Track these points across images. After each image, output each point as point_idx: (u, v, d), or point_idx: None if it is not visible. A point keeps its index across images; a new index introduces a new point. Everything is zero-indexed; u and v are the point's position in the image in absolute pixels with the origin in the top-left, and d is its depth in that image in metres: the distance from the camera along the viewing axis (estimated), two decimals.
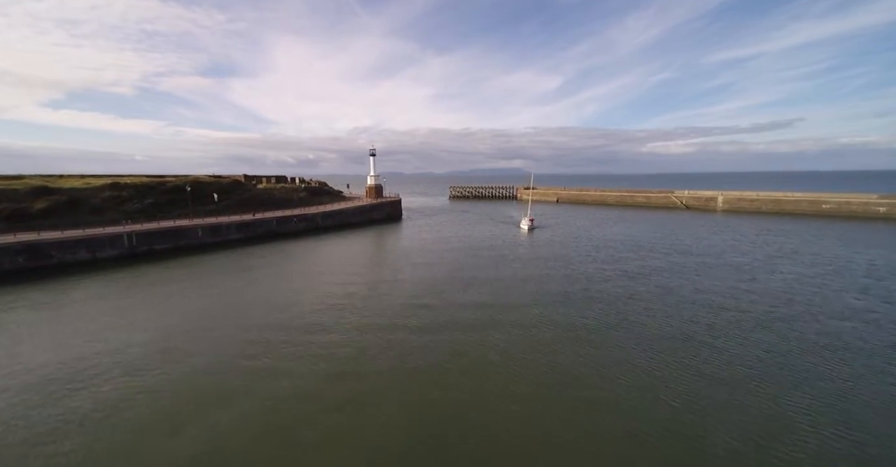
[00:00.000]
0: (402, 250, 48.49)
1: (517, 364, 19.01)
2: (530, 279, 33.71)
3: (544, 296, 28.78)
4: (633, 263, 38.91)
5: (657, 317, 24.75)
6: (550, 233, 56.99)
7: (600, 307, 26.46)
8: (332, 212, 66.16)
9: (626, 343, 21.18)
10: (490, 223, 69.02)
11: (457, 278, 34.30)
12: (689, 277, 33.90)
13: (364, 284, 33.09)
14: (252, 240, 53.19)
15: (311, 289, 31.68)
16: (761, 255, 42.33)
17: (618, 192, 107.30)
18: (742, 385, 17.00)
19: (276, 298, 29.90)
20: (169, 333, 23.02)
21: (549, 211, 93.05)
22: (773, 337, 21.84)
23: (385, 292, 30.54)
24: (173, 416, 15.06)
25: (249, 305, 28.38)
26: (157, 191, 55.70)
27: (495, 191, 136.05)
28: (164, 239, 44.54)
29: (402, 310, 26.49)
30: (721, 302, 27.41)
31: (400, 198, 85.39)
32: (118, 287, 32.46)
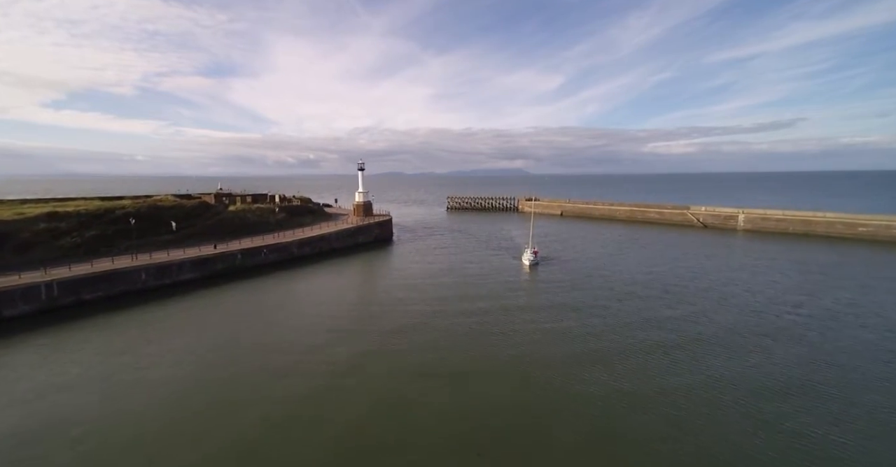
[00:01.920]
0: (384, 292, 41.04)
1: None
2: (532, 360, 26.08)
3: (550, 408, 21.03)
4: (668, 327, 31.09)
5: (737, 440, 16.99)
6: (557, 269, 49.21)
7: (643, 420, 18.82)
8: (310, 240, 58.64)
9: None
10: (488, 251, 61.23)
11: (439, 352, 26.75)
12: (748, 356, 26.21)
13: (322, 361, 25.58)
14: (211, 279, 45.71)
15: (251, 365, 24.16)
16: (826, 306, 34.50)
17: (628, 207, 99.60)
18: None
19: (208, 380, 22.68)
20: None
21: (553, 229, 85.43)
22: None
23: (342, 385, 22.60)
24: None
25: (158, 386, 21.05)
26: (104, 220, 48.32)
27: (496, 203, 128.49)
28: (95, 285, 37.14)
29: (366, 414, 19.09)
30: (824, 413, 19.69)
31: (390, 216, 77.89)
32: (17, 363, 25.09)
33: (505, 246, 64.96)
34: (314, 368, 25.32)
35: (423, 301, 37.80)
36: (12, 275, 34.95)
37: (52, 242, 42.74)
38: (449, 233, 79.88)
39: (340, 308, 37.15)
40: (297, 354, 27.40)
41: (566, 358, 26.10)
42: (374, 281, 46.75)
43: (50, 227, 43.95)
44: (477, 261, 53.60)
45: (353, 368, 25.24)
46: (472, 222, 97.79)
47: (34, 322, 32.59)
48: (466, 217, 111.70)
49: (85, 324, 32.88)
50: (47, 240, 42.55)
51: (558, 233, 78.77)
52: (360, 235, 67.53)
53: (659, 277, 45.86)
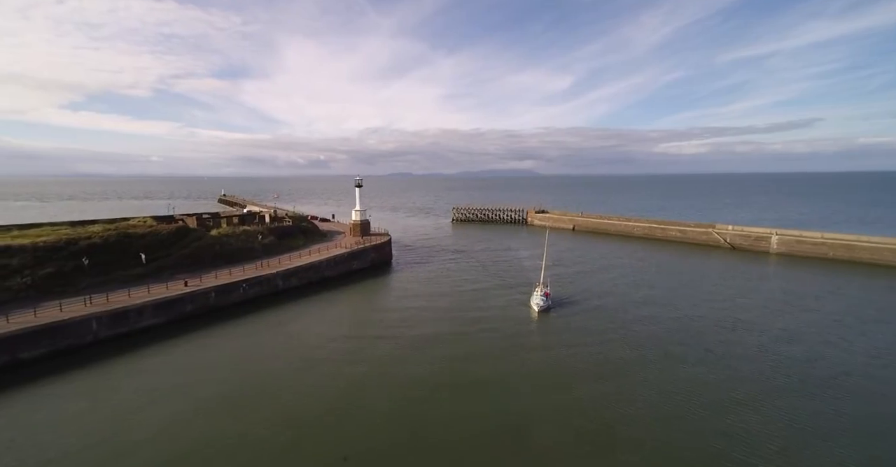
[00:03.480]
0: (369, 347, 34.97)
1: None
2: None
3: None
4: (735, 432, 24.50)
5: None
6: (572, 314, 42.40)
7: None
8: (297, 270, 53.01)
9: None
10: (493, 283, 54.73)
11: (427, 429, 20.76)
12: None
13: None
14: (179, 323, 40.33)
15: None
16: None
17: (646, 223, 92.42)
18: None
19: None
20: None
21: (564, 247, 78.82)
22: None
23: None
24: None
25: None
26: (63, 253, 43.26)
27: (503, 215, 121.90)
28: (34, 342, 31.86)
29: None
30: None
31: (389, 237, 72.05)
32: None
33: (512, 275, 58.43)
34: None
35: (410, 368, 31.52)
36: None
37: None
38: (452, 254, 73.66)
39: (316, 366, 31.62)
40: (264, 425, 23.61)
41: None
42: (361, 326, 40.65)
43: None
44: (479, 300, 47.10)
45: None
46: (477, 239, 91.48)
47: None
48: (472, 231, 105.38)
49: (12, 394, 27.79)
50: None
51: (571, 255, 72.15)
52: (354, 261, 61.78)
53: (695, 325, 39.27)
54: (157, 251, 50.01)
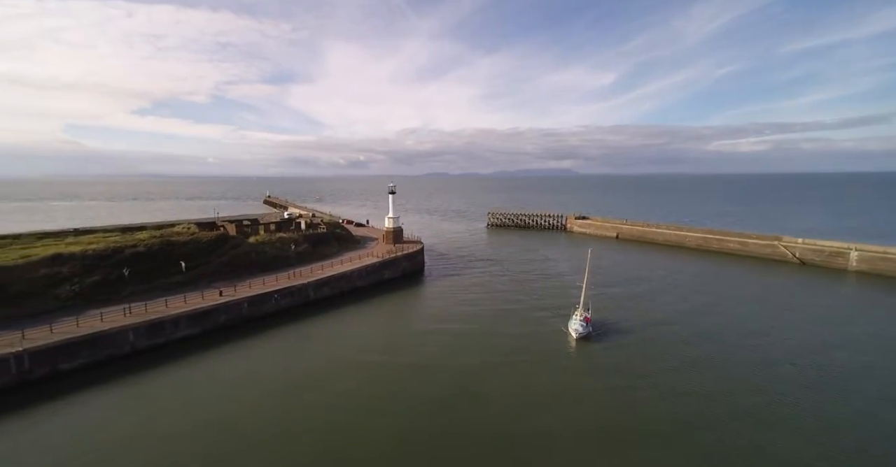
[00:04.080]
0: (393, 366, 32.73)
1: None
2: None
3: None
4: None
5: None
6: (616, 344, 37.67)
7: None
8: (328, 279, 52.58)
9: None
10: (528, 300, 51.11)
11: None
12: None
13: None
14: (212, 334, 40.71)
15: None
16: None
17: (700, 233, 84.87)
18: None
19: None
20: None
21: (607, 260, 73.65)
22: None
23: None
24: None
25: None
26: (110, 261, 45.06)
27: (541, 221, 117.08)
28: (73, 353, 32.83)
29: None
30: None
31: (421, 245, 70.47)
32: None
33: (549, 291, 54.67)
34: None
35: (433, 390, 29.50)
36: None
37: (49, 291, 39.59)
38: (485, 264, 70.78)
39: (339, 384, 30.59)
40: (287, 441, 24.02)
41: None
42: (384, 349, 38.39)
43: (50, 273, 40.97)
44: (512, 322, 43.64)
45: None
46: (513, 247, 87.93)
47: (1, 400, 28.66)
48: (508, 238, 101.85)
49: (53, 404, 28.72)
50: (43, 290, 39.44)
51: (614, 268, 67.12)
52: (385, 271, 60.72)
53: (769, 360, 34.21)
54: (196, 258, 51.21)
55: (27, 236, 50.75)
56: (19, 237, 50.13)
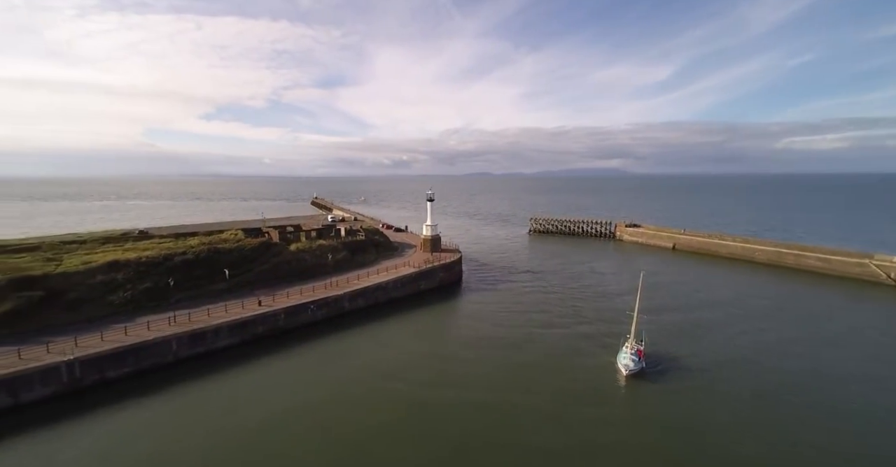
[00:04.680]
0: (414, 403, 30.31)
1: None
2: None
3: None
4: None
5: None
6: (675, 388, 32.57)
7: None
8: (364, 290, 51.93)
9: None
10: (572, 322, 46.98)
11: None
12: None
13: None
14: (250, 344, 41.15)
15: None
16: None
17: (773, 247, 75.65)
18: None
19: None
20: None
21: (662, 273, 67.44)
22: None
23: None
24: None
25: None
26: (161, 269, 47.04)
27: (588, 227, 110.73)
28: (120, 362, 34.02)
29: None
30: None
31: (459, 255, 68.33)
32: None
33: (596, 312, 50.17)
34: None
35: (454, 433, 27.04)
36: (46, 341, 33.19)
37: (105, 297, 41.75)
38: (527, 277, 67.16)
39: (357, 410, 29.38)
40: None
41: None
42: (411, 374, 36.40)
43: (106, 280, 43.28)
44: (552, 349, 39.61)
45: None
46: (557, 257, 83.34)
47: (51, 407, 30.09)
48: (551, 246, 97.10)
49: (102, 412, 29.94)
50: (99, 296, 41.65)
51: (672, 285, 61.08)
52: (422, 282, 59.24)
53: (877, 417, 28.51)
54: (240, 266, 52.50)
55: (92, 241, 54.51)
56: (85, 242, 53.95)
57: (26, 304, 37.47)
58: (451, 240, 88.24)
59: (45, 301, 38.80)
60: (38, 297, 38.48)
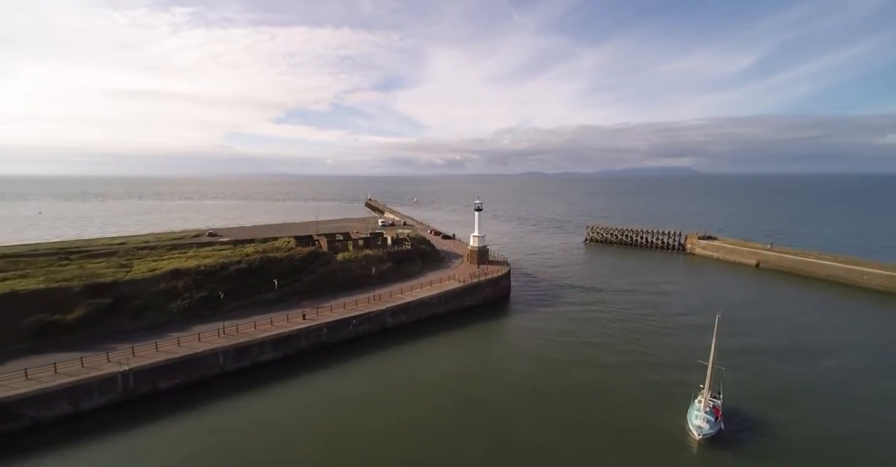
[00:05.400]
0: (447, 437, 27.72)
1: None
2: None
3: None
4: None
5: None
6: (763, 460, 26.50)
7: None
8: (406, 306, 50.48)
9: None
10: (632, 359, 41.15)
11: None
12: None
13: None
14: (292, 359, 41.21)
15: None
16: None
17: (885, 270, 63.16)
18: None
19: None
20: None
21: (744, 300, 58.67)
22: None
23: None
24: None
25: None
26: (216, 278, 49.04)
27: (653, 238, 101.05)
28: (171, 373, 35.25)
29: None
30: None
31: (508, 268, 64.75)
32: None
33: (662, 346, 43.78)
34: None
35: None
36: (104, 351, 35.25)
37: (164, 305, 44.06)
38: (581, 295, 61.79)
39: (387, 442, 27.30)
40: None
41: None
42: (454, 399, 34.25)
43: (168, 288, 45.75)
44: (609, 393, 34.58)
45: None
46: (616, 272, 76.50)
47: (107, 415, 31.66)
48: (609, 258, 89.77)
49: (153, 422, 31.28)
50: (161, 304, 44.05)
51: (756, 314, 52.75)
52: (467, 297, 56.66)
53: None
54: (289, 276, 53.47)
55: (161, 247, 58.71)
56: (155, 248, 58.26)
57: (96, 311, 40.38)
58: (500, 249, 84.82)
59: (113, 307, 41.65)
60: (107, 304, 41.37)
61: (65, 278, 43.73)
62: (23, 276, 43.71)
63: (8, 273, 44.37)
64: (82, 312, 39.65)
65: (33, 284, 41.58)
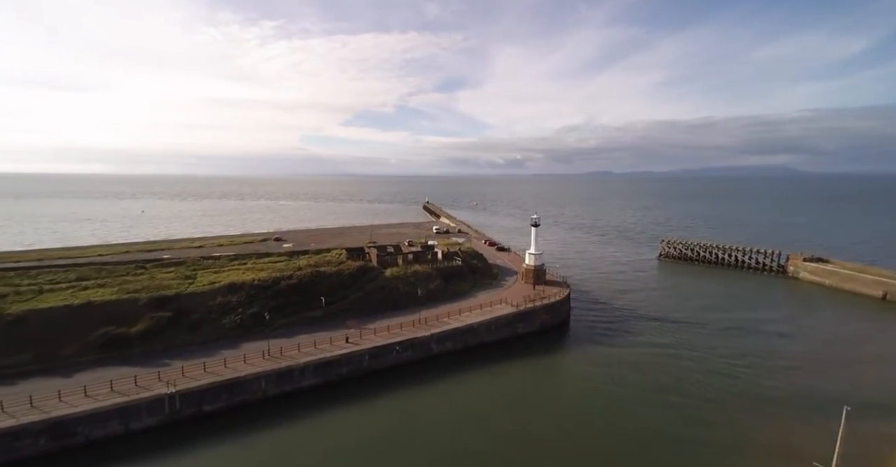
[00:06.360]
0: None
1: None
2: None
3: None
4: None
5: None
6: None
7: None
8: (453, 333, 47.15)
9: None
10: (724, 432, 33.47)
11: None
12: None
13: None
14: (333, 386, 39.89)
15: None
16: None
17: None
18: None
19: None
20: None
21: (877, 352, 46.84)
22: None
23: None
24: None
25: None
26: (268, 293, 49.64)
27: (744, 257, 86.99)
28: (215, 396, 35.34)
29: None
30: None
31: (567, 292, 58.62)
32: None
33: (762, 431, 34.04)
34: None
35: None
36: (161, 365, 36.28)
37: (219, 320, 45.16)
38: (656, 330, 53.50)
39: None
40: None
41: None
42: (496, 456, 30.19)
43: (224, 302, 46.98)
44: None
45: None
46: (699, 298, 66.47)
47: (155, 436, 32.28)
48: (689, 279, 78.88)
49: (196, 447, 31.43)
50: (216, 318, 45.24)
51: (885, 367, 41.58)
52: (520, 324, 51.90)
53: None
54: (336, 292, 52.82)
55: (225, 258, 61.39)
56: (219, 258, 61.09)
57: (157, 325, 42.24)
58: (559, 264, 78.30)
59: (172, 321, 43.35)
60: (167, 318, 43.13)
61: (135, 289, 46.61)
62: (101, 286, 47.38)
63: (89, 282, 48.43)
64: (145, 326, 41.66)
65: (107, 294, 44.74)
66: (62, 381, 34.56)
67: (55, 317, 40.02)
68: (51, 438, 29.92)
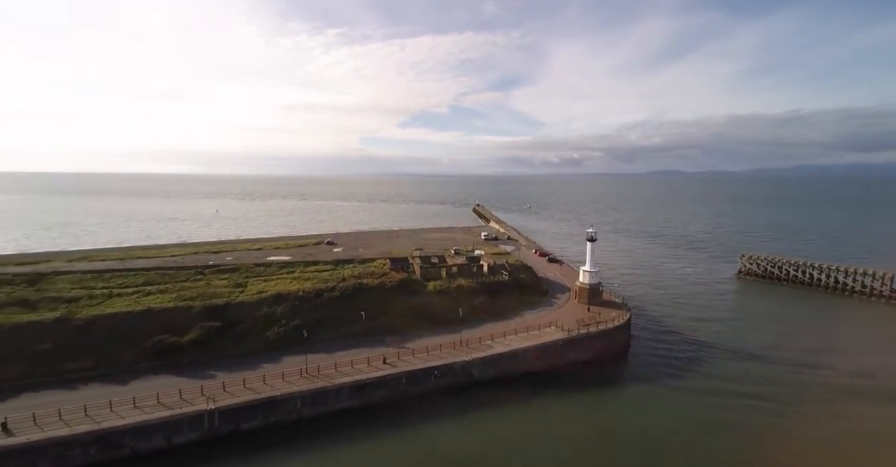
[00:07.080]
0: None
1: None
2: None
3: None
4: None
5: None
6: None
7: None
8: (495, 358, 43.73)
9: None
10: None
11: None
12: None
13: None
14: (368, 409, 38.37)
15: None
16: None
17: None
18: None
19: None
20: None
21: None
22: None
23: None
24: None
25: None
26: (312, 304, 49.80)
27: (845, 279, 73.51)
28: (252, 415, 35.23)
29: None
30: None
31: (628, 317, 52.50)
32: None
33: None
34: None
35: None
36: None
37: (263, 332, 45.68)
38: (738, 367, 45.84)
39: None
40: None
41: None
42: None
43: (269, 312, 47.63)
44: None
45: None
46: (786, 326, 56.80)
47: (194, 452, 32.67)
48: (776, 303, 68.17)
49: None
50: (259, 330, 45.79)
51: None
52: (571, 351, 47.12)
53: None
54: (377, 306, 51.64)
55: (275, 266, 63.06)
56: (270, 266, 62.78)
57: (206, 334, 43.46)
58: (618, 278, 71.49)
59: (220, 331, 44.44)
60: (216, 328, 44.27)
61: (191, 297, 48.72)
62: (162, 292, 50.16)
63: (153, 287, 51.51)
64: (195, 335, 43.05)
65: (166, 301, 47.11)
66: (117, 389, 36.30)
67: (118, 322, 42.65)
68: (100, 449, 31.16)
